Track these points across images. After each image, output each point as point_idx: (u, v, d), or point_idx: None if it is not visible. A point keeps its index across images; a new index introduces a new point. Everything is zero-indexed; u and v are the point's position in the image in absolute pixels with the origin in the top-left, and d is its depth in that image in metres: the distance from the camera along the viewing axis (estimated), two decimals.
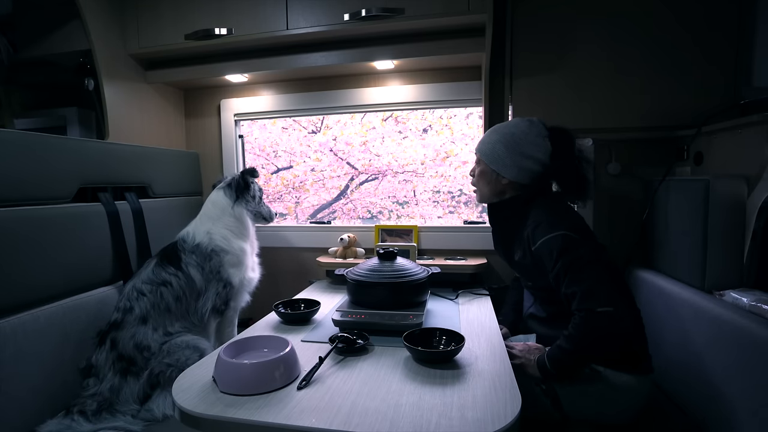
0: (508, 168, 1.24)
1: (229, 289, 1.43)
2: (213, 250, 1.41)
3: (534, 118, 1.26)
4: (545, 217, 1.15)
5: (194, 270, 1.38)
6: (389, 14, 1.43)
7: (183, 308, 1.35)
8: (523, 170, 1.23)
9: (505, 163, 1.24)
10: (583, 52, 1.50)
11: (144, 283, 1.33)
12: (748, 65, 1.40)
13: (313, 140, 2.07)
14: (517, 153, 1.22)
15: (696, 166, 1.42)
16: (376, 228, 1.88)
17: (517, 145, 1.22)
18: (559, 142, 1.22)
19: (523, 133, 1.22)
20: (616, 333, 1.00)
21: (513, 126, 1.26)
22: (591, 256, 1.07)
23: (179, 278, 1.35)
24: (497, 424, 0.73)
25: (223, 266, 1.42)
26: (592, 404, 1.09)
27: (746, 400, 0.96)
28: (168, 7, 1.67)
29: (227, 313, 1.46)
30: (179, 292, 1.34)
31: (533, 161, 1.21)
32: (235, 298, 1.47)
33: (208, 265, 1.40)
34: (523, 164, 1.22)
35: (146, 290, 1.31)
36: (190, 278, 1.36)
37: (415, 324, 1.13)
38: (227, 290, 1.43)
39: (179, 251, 1.40)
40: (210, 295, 1.40)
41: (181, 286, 1.34)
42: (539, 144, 1.21)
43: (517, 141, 1.22)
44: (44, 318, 1.18)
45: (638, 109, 1.48)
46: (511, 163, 1.23)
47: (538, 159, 1.21)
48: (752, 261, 1.15)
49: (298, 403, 0.81)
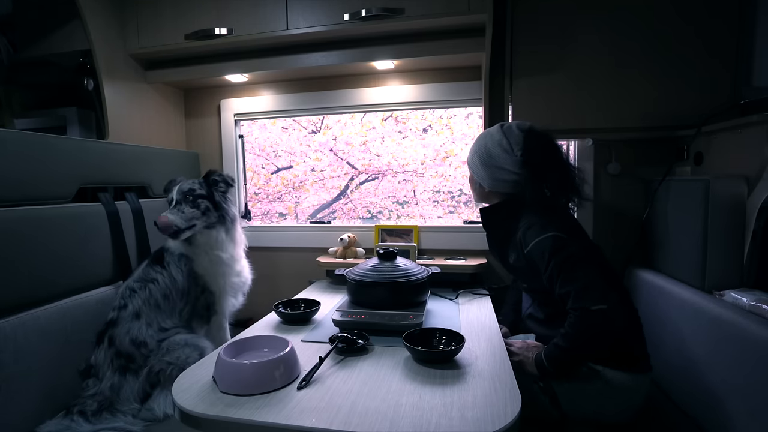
0: (485, 179, 1.27)
1: (208, 295, 1.43)
2: (183, 254, 1.41)
3: (513, 124, 1.26)
4: (536, 219, 1.16)
5: (175, 269, 1.38)
6: (389, 14, 1.43)
7: (171, 306, 1.35)
8: (497, 180, 1.25)
9: (481, 174, 1.27)
10: (584, 50, 1.49)
11: (135, 281, 1.35)
12: (748, 65, 1.40)
13: (313, 140, 2.07)
14: (489, 165, 1.24)
15: (696, 166, 1.42)
16: (376, 228, 1.88)
17: (489, 158, 1.23)
18: (533, 148, 1.20)
19: (494, 144, 1.23)
20: (610, 330, 1.01)
21: (488, 137, 1.26)
22: (582, 255, 1.07)
23: (164, 276, 1.36)
24: (497, 424, 0.73)
25: (197, 272, 1.41)
26: (590, 402, 1.09)
27: (745, 399, 0.96)
28: (168, 7, 1.67)
29: (215, 318, 1.45)
30: (166, 290, 1.34)
31: (506, 172, 1.22)
32: (220, 303, 1.46)
33: (185, 269, 1.40)
34: (496, 175, 1.24)
35: (136, 287, 1.33)
36: (173, 278, 1.37)
37: (415, 324, 1.13)
38: (205, 296, 1.43)
39: (164, 250, 1.42)
40: (190, 300, 1.40)
41: (166, 284, 1.35)
42: (507, 156, 1.21)
43: (489, 153, 1.23)
44: (44, 318, 1.18)
45: (638, 108, 1.47)
46: (486, 174, 1.25)
47: (509, 170, 1.21)
48: (752, 261, 1.15)
49: (298, 403, 0.81)
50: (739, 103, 1.25)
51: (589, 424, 1.12)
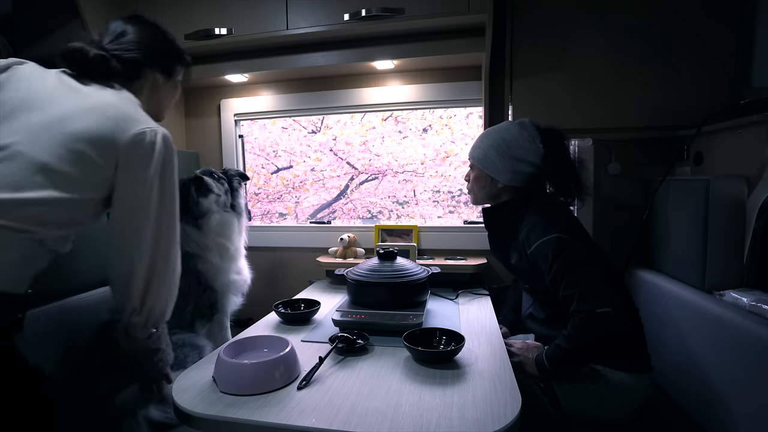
0: (501, 172, 1.25)
1: (210, 293, 1.43)
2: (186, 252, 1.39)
3: (525, 120, 1.27)
4: (539, 219, 1.16)
5: None
6: (389, 14, 1.43)
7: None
8: (516, 173, 1.24)
9: (498, 167, 1.25)
10: (584, 50, 1.49)
11: None
12: (748, 65, 1.40)
13: (313, 140, 2.07)
14: (509, 157, 1.23)
15: (696, 166, 1.42)
16: (376, 228, 1.88)
17: (509, 149, 1.23)
18: (550, 143, 1.22)
19: (513, 137, 1.23)
20: (615, 333, 1.00)
21: (504, 130, 1.26)
22: (586, 257, 1.07)
23: None
24: (497, 424, 0.73)
25: (200, 270, 1.41)
26: (590, 403, 1.09)
27: (746, 399, 0.96)
28: (168, 7, 1.67)
29: (217, 317, 1.45)
30: None
31: (526, 164, 1.22)
32: (222, 301, 1.46)
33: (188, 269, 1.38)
34: (516, 168, 1.23)
35: None
36: None
37: (415, 324, 1.13)
38: (207, 294, 1.42)
39: None
40: (193, 298, 1.39)
41: None
42: (531, 146, 1.21)
43: (509, 145, 1.23)
44: (44, 318, 1.17)
45: (638, 108, 1.48)
46: (504, 167, 1.24)
47: (531, 161, 1.22)
48: (752, 261, 1.15)
49: (298, 403, 0.81)
50: (739, 103, 1.25)
51: (589, 424, 1.12)
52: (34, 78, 0.92)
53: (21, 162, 0.80)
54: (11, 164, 0.80)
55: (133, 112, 0.92)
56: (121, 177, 0.88)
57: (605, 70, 1.48)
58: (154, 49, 1.01)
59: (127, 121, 0.88)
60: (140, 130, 0.88)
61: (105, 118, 0.87)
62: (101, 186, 0.88)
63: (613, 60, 1.47)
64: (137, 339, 0.95)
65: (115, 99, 0.92)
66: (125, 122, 0.88)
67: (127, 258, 0.91)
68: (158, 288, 0.95)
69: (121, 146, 0.86)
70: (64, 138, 0.83)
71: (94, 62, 0.94)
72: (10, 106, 0.86)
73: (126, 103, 0.93)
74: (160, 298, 0.96)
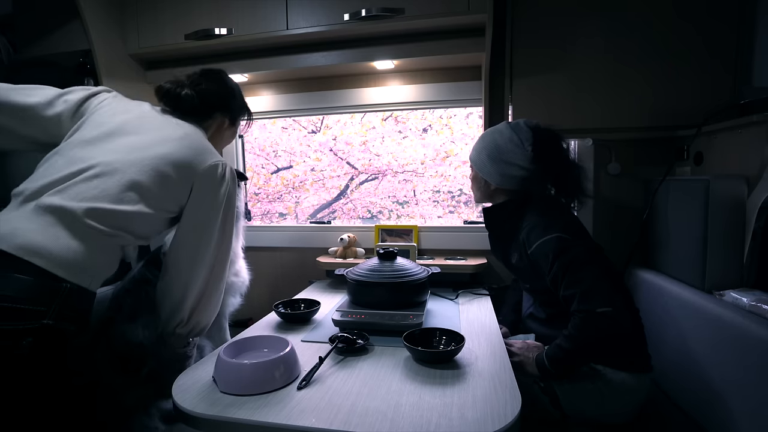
0: (492, 175, 1.26)
1: None
2: None
3: (520, 121, 1.26)
4: (539, 219, 1.16)
5: None
6: (389, 14, 1.43)
7: None
8: (506, 177, 1.24)
9: (489, 170, 1.26)
10: (584, 50, 1.49)
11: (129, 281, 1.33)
12: (748, 65, 1.40)
13: (313, 140, 2.07)
14: (499, 161, 1.23)
15: (696, 166, 1.42)
16: (376, 228, 1.88)
17: (500, 153, 1.23)
18: (542, 145, 1.21)
19: (504, 140, 1.23)
20: (615, 333, 1.00)
21: (497, 132, 1.26)
22: (587, 256, 1.07)
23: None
24: (497, 424, 0.73)
25: None
26: (591, 403, 1.09)
27: (746, 399, 0.96)
28: (168, 7, 1.67)
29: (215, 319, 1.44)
30: None
31: (515, 167, 1.22)
32: None
33: None
34: (506, 171, 1.23)
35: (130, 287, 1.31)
36: None
37: (415, 324, 1.13)
38: None
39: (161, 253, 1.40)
40: None
41: None
42: (518, 150, 1.21)
43: (499, 149, 1.23)
44: None
45: (638, 108, 1.47)
46: (494, 170, 1.25)
47: (520, 165, 1.21)
48: (752, 261, 1.15)
49: (298, 403, 0.81)
50: (739, 103, 1.25)
51: (590, 424, 1.12)
52: (131, 107, 1.11)
53: (118, 178, 0.93)
54: (110, 179, 0.93)
55: (209, 145, 1.10)
56: (194, 198, 1.03)
57: (605, 70, 1.48)
58: (227, 100, 1.23)
59: (205, 153, 1.06)
60: (215, 161, 1.05)
61: (188, 148, 1.03)
62: (175, 205, 1.03)
63: (613, 60, 1.47)
64: (175, 347, 1.08)
65: (195, 133, 1.09)
66: (203, 154, 1.05)
67: (186, 273, 1.04)
68: (206, 304, 1.08)
69: (198, 173, 1.02)
70: (153, 160, 0.97)
71: (183, 99, 1.12)
72: (109, 129, 1.01)
73: (202, 137, 1.11)
74: (206, 314, 1.09)
